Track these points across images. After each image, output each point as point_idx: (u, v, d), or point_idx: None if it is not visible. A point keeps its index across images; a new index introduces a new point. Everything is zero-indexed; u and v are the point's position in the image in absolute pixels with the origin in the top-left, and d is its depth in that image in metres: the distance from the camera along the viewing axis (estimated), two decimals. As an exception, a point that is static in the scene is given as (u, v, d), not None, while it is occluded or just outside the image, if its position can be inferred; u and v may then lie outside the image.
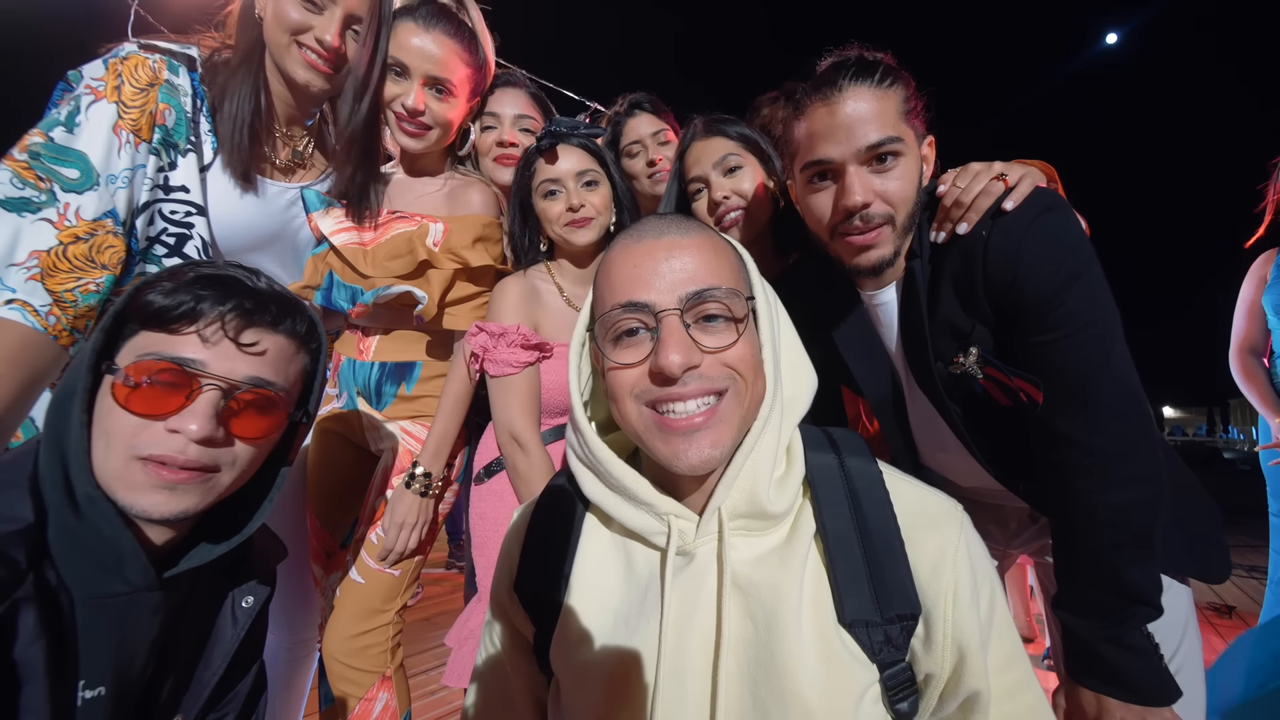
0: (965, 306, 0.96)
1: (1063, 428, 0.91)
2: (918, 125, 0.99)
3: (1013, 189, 0.92)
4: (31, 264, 1.01)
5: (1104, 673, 0.91)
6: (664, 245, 0.72)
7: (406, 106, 1.33)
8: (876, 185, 0.94)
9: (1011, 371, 0.93)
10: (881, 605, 0.67)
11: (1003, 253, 0.89)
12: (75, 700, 0.67)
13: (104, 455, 0.68)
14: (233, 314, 0.72)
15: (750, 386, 0.71)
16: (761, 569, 0.69)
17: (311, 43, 1.21)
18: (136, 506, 0.68)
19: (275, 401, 0.77)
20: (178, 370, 0.69)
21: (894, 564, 0.69)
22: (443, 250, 1.34)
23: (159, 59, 1.15)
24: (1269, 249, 2.27)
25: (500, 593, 0.83)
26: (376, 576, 1.33)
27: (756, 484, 0.70)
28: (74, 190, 1.05)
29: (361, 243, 1.35)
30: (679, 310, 0.69)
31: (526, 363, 1.30)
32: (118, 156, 1.09)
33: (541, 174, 1.36)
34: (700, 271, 0.70)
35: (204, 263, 0.76)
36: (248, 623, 0.85)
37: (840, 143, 0.93)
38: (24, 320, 0.99)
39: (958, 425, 1.04)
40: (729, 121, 1.41)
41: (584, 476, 0.77)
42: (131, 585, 0.69)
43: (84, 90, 1.08)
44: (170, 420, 0.68)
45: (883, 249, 0.97)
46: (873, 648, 0.67)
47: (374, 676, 1.30)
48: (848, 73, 0.94)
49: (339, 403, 1.45)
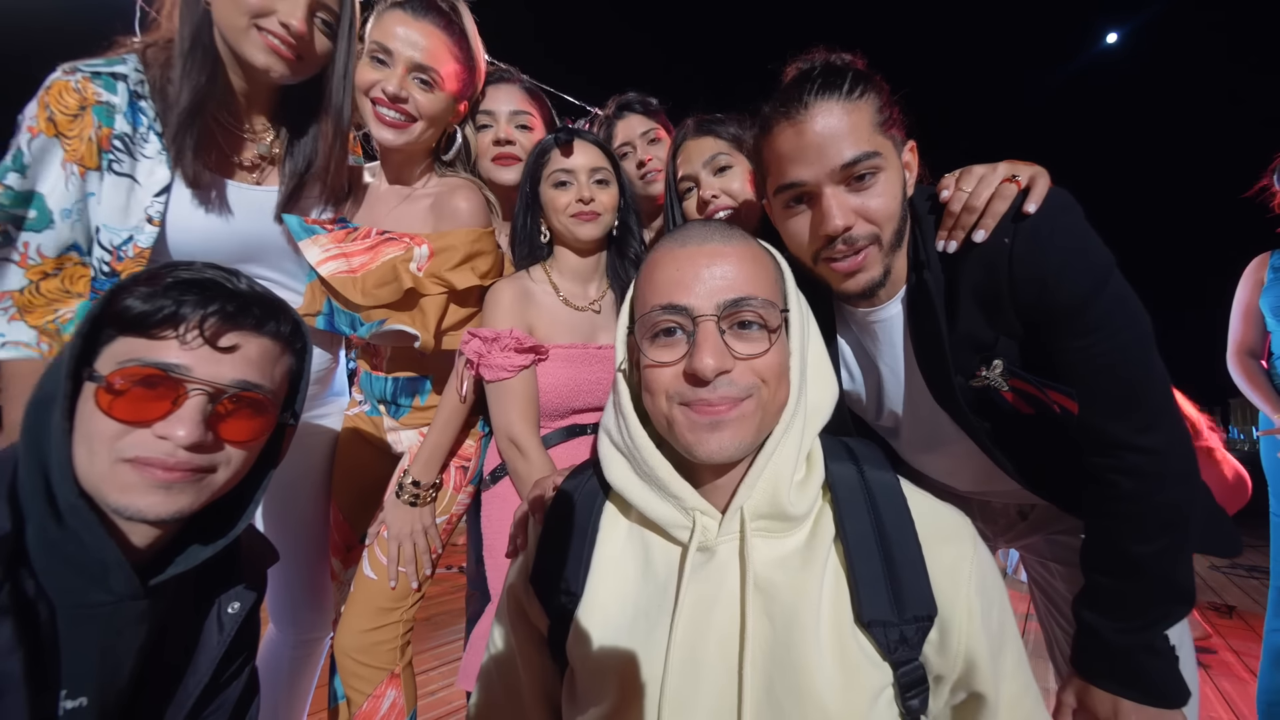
0: (989, 319, 0.91)
1: (1113, 431, 0.87)
2: (896, 134, 0.92)
3: (1028, 190, 0.87)
4: (6, 304, 1.05)
5: (1127, 676, 0.89)
6: (706, 252, 0.75)
7: (387, 91, 1.24)
8: (856, 204, 0.88)
9: (1043, 384, 0.89)
10: (899, 606, 0.70)
11: (1030, 261, 0.84)
12: (57, 711, 0.66)
13: (88, 461, 0.67)
14: (215, 317, 0.70)
15: (774, 394, 0.73)
16: (782, 570, 0.71)
17: (275, 26, 1.12)
18: (132, 508, 0.67)
19: (262, 404, 0.76)
20: (162, 376, 0.68)
21: (911, 567, 0.72)
22: (427, 275, 1.28)
23: (82, 78, 1.09)
24: (1261, 253, 2.27)
25: (515, 586, 0.84)
26: (387, 573, 1.33)
27: (778, 486, 0.72)
28: (32, 229, 1.06)
29: (351, 270, 1.29)
30: (716, 317, 0.71)
31: (521, 366, 1.29)
32: (66, 189, 1.08)
33: (555, 164, 1.35)
34: (739, 280, 0.73)
35: (180, 264, 0.74)
36: (234, 629, 0.84)
37: (812, 164, 0.87)
38: (22, 355, 1.04)
39: (983, 439, 0.99)
40: (721, 121, 1.40)
41: (614, 462, 0.79)
42: (116, 594, 0.68)
43: (24, 131, 1.07)
44: (157, 426, 0.67)
45: (871, 271, 0.92)
46: (888, 646, 0.69)
47: (383, 673, 1.31)
48: (813, 87, 0.88)
49: (365, 408, 1.50)
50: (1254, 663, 2.80)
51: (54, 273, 1.08)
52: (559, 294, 1.40)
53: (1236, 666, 2.85)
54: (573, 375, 1.35)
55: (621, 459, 0.79)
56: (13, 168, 1.05)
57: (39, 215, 1.06)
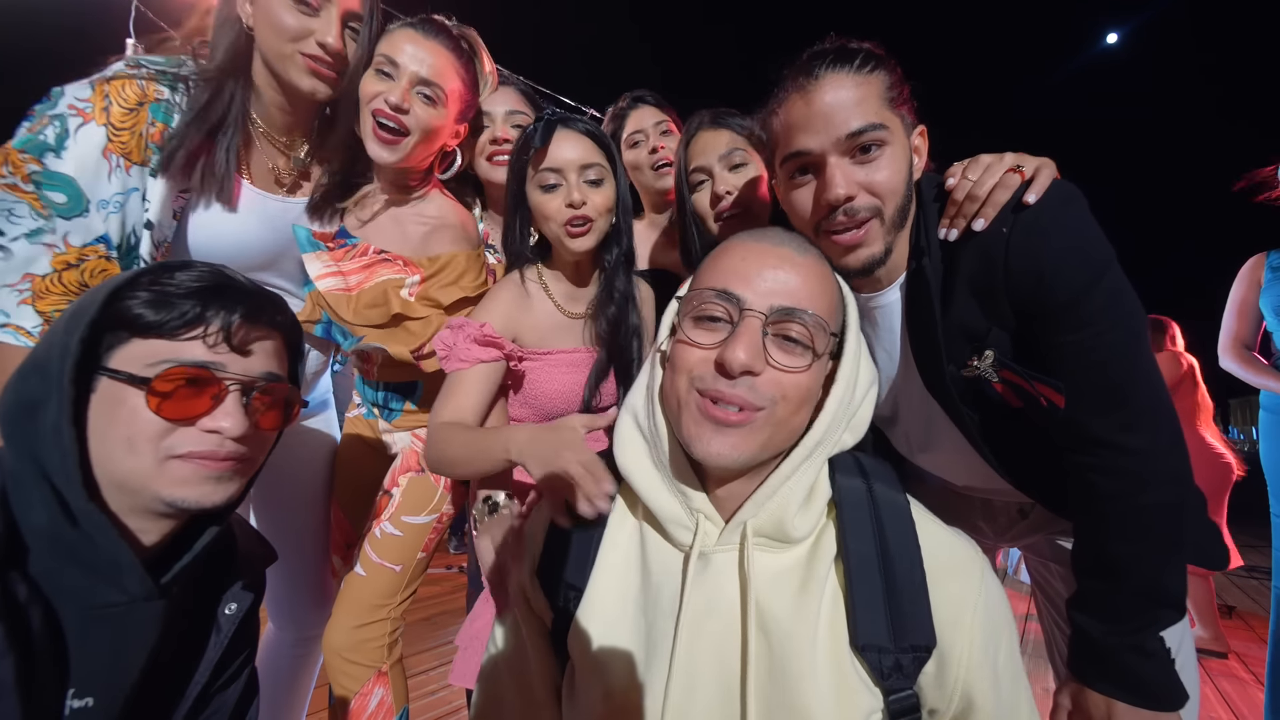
0: (983, 308, 0.90)
1: (1096, 428, 0.86)
2: (905, 113, 0.92)
3: (1031, 181, 0.86)
4: (24, 287, 1.04)
5: (1119, 678, 0.88)
6: (776, 254, 0.74)
7: (390, 102, 1.24)
8: (860, 176, 0.88)
9: (1031, 376, 0.88)
10: (896, 633, 0.68)
11: (1027, 252, 0.84)
12: (63, 710, 0.67)
13: (126, 460, 0.69)
14: (239, 319, 0.74)
15: (790, 415, 0.71)
16: (780, 586, 0.70)
17: (313, 49, 1.15)
18: (189, 499, 0.72)
19: (285, 392, 0.81)
20: (206, 375, 0.72)
21: (913, 594, 0.70)
22: (418, 299, 1.31)
23: (147, 75, 1.11)
24: (1258, 252, 2.28)
25: (522, 579, 0.84)
26: (378, 571, 1.34)
27: (785, 513, 0.72)
28: (63, 216, 1.05)
29: (347, 288, 1.32)
30: (764, 316, 0.70)
31: (478, 359, 1.19)
32: (108, 181, 1.08)
33: (540, 160, 1.21)
34: (799, 292, 0.72)
35: (175, 265, 0.75)
36: (231, 630, 0.84)
37: (818, 132, 0.87)
38: (16, 342, 1.02)
39: (971, 430, 0.99)
40: (737, 115, 1.35)
41: (632, 445, 0.79)
42: (130, 595, 0.70)
43: (69, 112, 1.05)
44: (204, 421, 0.72)
45: (872, 247, 0.91)
46: (882, 672, 0.67)
47: (370, 671, 1.31)
48: (825, 60, 0.88)
49: (362, 411, 1.53)
50: (1254, 663, 2.80)
51: (76, 264, 1.07)
52: (553, 299, 1.34)
53: (1236, 667, 2.85)
54: (578, 379, 1.31)
55: (641, 442, 0.79)
56: (52, 148, 1.04)
57: (71, 201, 1.05)
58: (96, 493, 0.70)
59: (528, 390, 1.31)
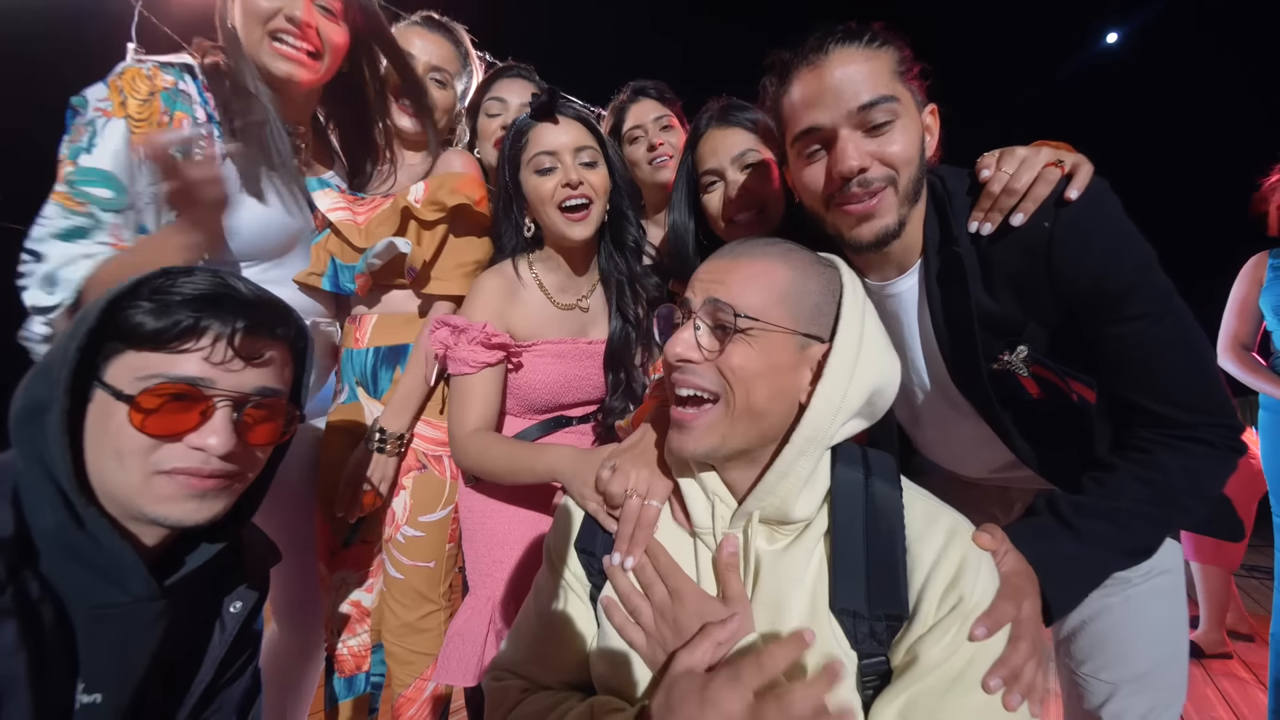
0: (1021, 303, 0.89)
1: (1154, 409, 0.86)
2: (915, 88, 0.92)
3: (1070, 176, 0.86)
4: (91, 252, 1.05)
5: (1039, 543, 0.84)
6: (730, 256, 0.80)
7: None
8: (872, 148, 0.87)
9: (1064, 371, 0.88)
10: (872, 600, 0.72)
11: (1074, 248, 0.84)
12: (73, 704, 0.68)
13: (116, 473, 0.69)
14: (235, 331, 0.72)
15: (747, 399, 0.74)
16: (774, 559, 0.77)
17: (283, 24, 1.16)
18: (171, 517, 0.71)
19: (281, 407, 0.79)
20: (193, 391, 0.70)
21: (891, 565, 0.74)
22: (424, 203, 1.34)
23: (152, 66, 1.14)
24: (1259, 251, 2.27)
25: (560, 548, 0.90)
26: (412, 571, 1.37)
27: (786, 501, 0.76)
28: (112, 210, 1.07)
29: (355, 220, 1.37)
30: (696, 311, 0.77)
31: (485, 363, 1.22)
32: (140, 172, 1.10)
33: (534, 146, 1.22)
34: (732, 283, 0.76)
35: (177, 272, 0.74)
36: (236, 628, 0.85)
37: (830, 106, 0.87)
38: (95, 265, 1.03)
39: (1003, 423, 0.98)
40: (748, 109, 1.29)
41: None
42: (133, 595, 0.71)
43: (96, 114, 1.09)
44: (190, 438, 0.70)
45: (885, 218, 0.90)
46: (855, 636, 0.72)
47: (429, 659, 1.37)
48: (835, 36, 0.88)
49: (343, 397, 1.46)
50: (1255, 663, 2.80)
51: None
52: (544, 291, 1.34)
53: (1237, 667, 2.84)
54: (564, 371, 1.32)
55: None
56: (84, 148, 1.07)
57: (115, 193, 1.08)
58: (94, 498, 0.70)
59: (513, 381, 1.31)
